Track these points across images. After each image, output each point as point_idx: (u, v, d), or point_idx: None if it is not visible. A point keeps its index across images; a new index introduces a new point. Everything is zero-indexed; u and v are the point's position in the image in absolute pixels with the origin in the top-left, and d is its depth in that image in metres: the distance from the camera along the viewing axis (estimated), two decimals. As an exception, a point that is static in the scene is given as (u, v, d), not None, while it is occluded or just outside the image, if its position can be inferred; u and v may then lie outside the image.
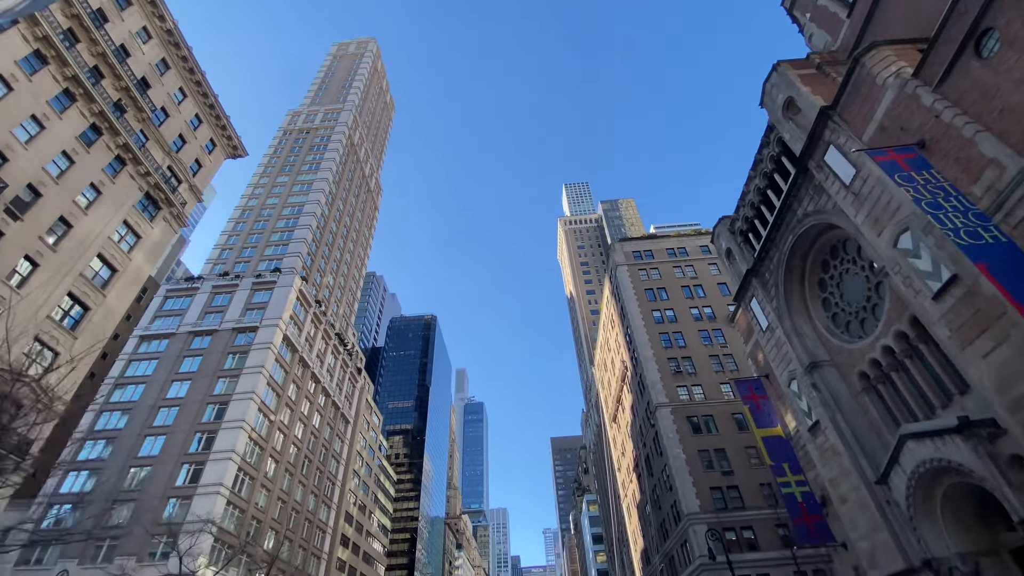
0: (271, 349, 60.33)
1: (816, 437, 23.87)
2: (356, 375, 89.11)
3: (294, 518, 62.82)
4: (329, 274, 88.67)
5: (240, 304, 66.19)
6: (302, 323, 69.67)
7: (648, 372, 54.65)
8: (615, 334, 71.01)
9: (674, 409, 51.35)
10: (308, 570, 64.68)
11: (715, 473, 46.83)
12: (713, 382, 53.37)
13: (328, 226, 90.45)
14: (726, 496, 45.46)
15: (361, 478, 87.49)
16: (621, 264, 65.98)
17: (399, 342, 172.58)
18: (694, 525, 43.65)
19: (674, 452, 48.18)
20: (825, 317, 25.10)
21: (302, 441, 66.40)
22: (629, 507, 72.07)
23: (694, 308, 60.40)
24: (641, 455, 60.78)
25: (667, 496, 50.19)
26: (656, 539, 56.27)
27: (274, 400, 60.80)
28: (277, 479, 59.27)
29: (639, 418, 60.50)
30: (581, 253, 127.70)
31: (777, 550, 42.09)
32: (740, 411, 50.74)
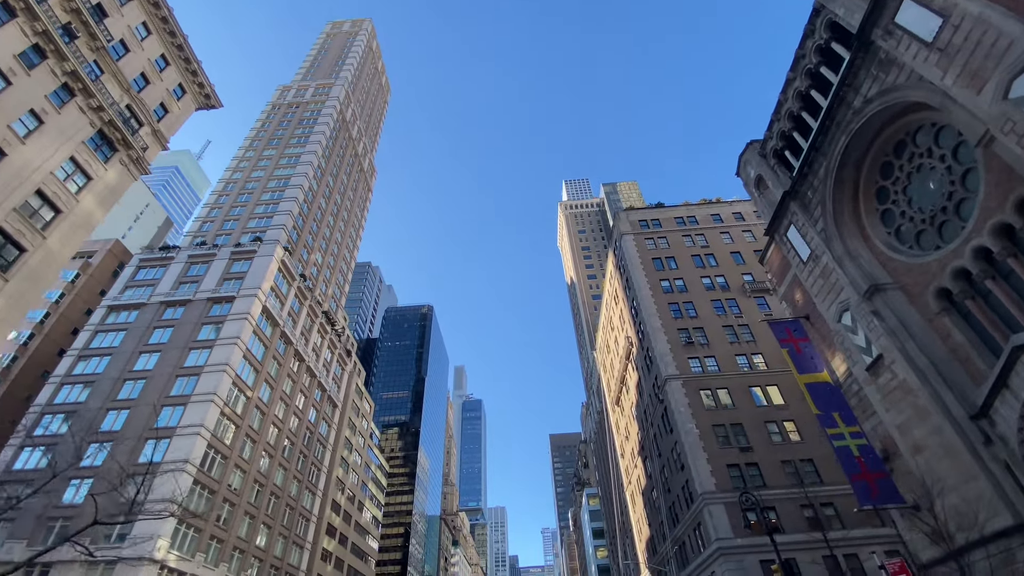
0: (248, 320, 55.83)
1: (878, 376, 19.46)
2: (345, 357, 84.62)
3: (273, 503, 58.28)
4: (317, 251, 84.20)
5: (217, 274, 61.68)
6: (284, 297, 65.17)
7: (657, 343, 50.23)
8: (619, 310, 66.60)
9: (685, 382, 46.92)
10: (289, 559, 60.16)
11: (732, 449, 42.40)
12: (728, 354, 48.97)
13: (316, 201, 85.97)
14: (744, 474, 41.03)
15: (350, 466, 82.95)
16: (627, 233, 61.56)
17: (394, 332, 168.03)
18: (710, 505, 39.22)
19: (686, 427, 43.75)
20: (885, 233, 20.72)
21: (284, 422, 61.89)
22: (633, 495, 67.62)
23: (705, 278, 56.01)
24: (647, 436, 56.34)
25: (677, 477, 45.76)
26: (664, 526, 51.82)
27: (252, 376, 56.29)
28: (254, 460, 54.74)
29: (645, 396, 56.08)
30: (582, 238, 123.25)
31: (803, 532, 37.67)
32: (758, 383, 46.44)
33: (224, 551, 48.47)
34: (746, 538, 37.57)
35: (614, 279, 67.98)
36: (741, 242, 59.41)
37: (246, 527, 52.75)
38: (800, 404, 44.74)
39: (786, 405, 44.79)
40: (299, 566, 62.45)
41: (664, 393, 48.00)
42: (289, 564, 60.11)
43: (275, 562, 57.09)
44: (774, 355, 48.50)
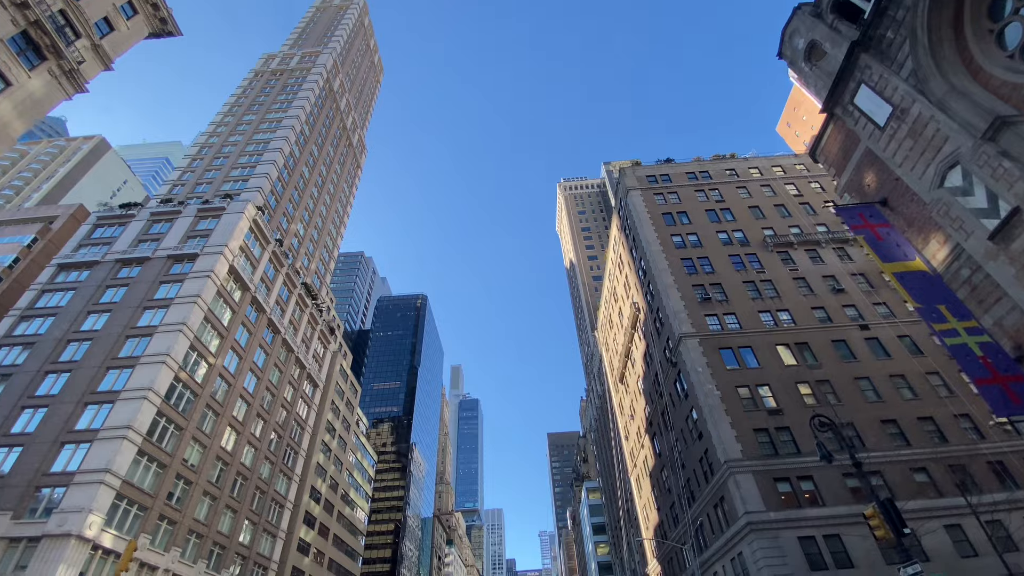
0: (212, 278, 49.96)
1: (1010, 241, 13.81)
2: (328, 335, 78.69)
3: (241, 485, 52.29)
4: (298, 221, 78.42)
5: (181, 232, 55.87)
6: (257, 260, 59.32)
7: (669, 301, 44.54)
8: (623, 278, 60.94)
9: (703, 340, 41.21)
10: (258, 548, 54.10)
11: (759, 413, 36.66)
12: (750, 311, 43.31)
13: (298, 169, 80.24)
14: (775, 439, 35.29)
15: (333, 452, 76.89)
16: (634, 189, 55.97)
17: (387, 322, 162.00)
18: (736, 474, 33.44)
19: (704, 389, 38.01)
20: (1005, 56, 15.13)
21: (254, 396, 55.94)
22: (639, 478, 61.78)
23: (722, 232, 50.42)
24: (656, 410, 50.58)
25: (694, 448, 40.00)
26: (676, 507, 46.02)
27: (215, 341, 50.40)
28: (217, 435, 48.81)
29: (654, 365, 50.36)
30: (582, 218, 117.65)
31: (846, 504, 31.94)
32: (785, 342, 40.77)
33: (177, 534, 42.47)
34: (780, 511, 31.81)
35: (619, 244, 62.33)
36: (760, 196, 53.89)
37: (205, 509, 46.75)
38: (834, 363, 39.15)
39: (819, 364, 39.13)
40: (271, 556, 56.39)
41: (678, 354, 42.28)
42: (258, 554, 54.07)
43: (241, 550, 51.06)
44: (802, 311, 42.94)
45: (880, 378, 38.05)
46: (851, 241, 48.26)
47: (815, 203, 52.78)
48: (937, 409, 36.08)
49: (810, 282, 45.14)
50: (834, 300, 43.57)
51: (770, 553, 30.19)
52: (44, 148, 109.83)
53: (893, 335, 40.53)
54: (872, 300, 43.42)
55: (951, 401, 36.20)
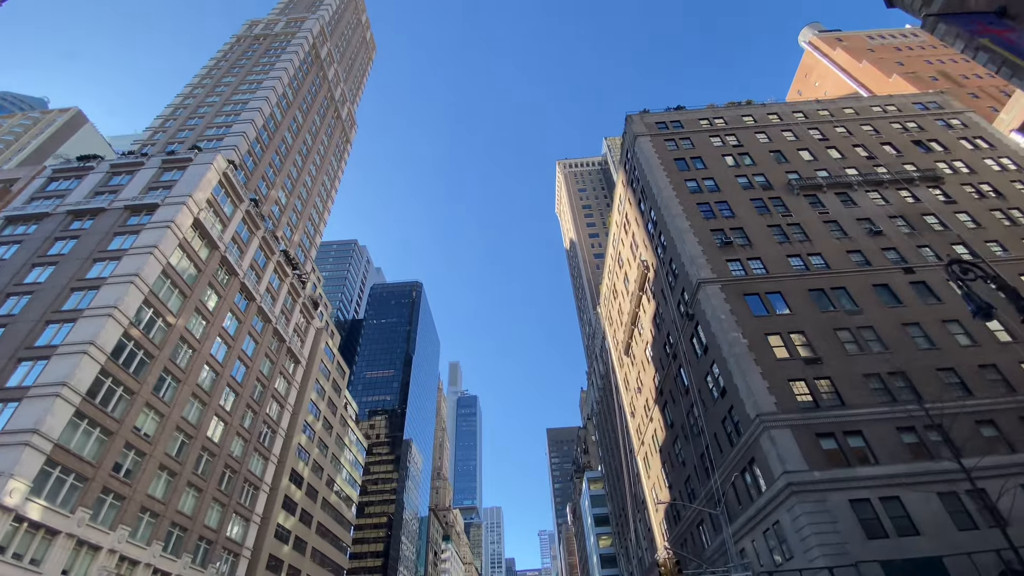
0: (172, 229, 44.74)
1: None
2: (311, 310, 73.45)
3: (207, 462, 47.07)
4: (280, 188, 73.22)
5: (142, 183, 50.67)
6: (228, 218, 54.06)
7: (685, 247, 39.44)
8: (630, 238, 55.86)
9: (725, 286, 36.12)
10: (228, 532, 48.88)
11: (794, 362, 31.57)
12: (777, 255, 38.23)
13: (280, 133, 75.06)
14: (814, 391, 30.19)
15: (317, 434, 71.65)
16: (642, 135, 50.89)
17: (381, 310, 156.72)
18: (771, 430, 28.32)
19: (729, 337, 32.90)
20: None
21: (224, 366, 50.71)
22: (647, 457, 56.66)
23: (741, 177, 45.38)
24: (668, 375, 45.48)
25: (714, 409, 34.87)
26: (693, 481, 40.90)
27: (177, 300, 45.17)
28: (178, 404, 43.58)
29: (665, 326, 45.26)
30: (583, 196, 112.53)
31: (905, 463, 26.84)
32: (820, 286, 35.68)
33: (126, 511, 37.23)
34: (826, 470, 26.68)
35: (625, 201, 57.23)
36: (781, 141, 48.86)
37: (163, 485, 41.53)
38: (877, 308, 34.10)
39: (859, 309, 34.06)
40: (243, 542, 51.14)
41: (695, 305, 37.18)
42: (228, 538, 48.83)
43: (207, 533, 45.84)
44: (837, 255, 37.90)
45: (931, 324, 33.01)
46: (887, 183, 43.28)
47: (843, 147, 47.78)
48: (999, 356, 31.05)
49: (843, 225, 40.11)
50: (872, 243, 38.54)
51: (817, 519, 25.07)
52: (17, 121, 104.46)
53: (942, 278, 35.49)
54: (916, 243, 38.39)
55: (1018, 348, 31.14)
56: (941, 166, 45.45)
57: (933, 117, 51.50)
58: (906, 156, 46.72)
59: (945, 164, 45.84)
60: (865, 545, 24.24)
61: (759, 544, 29.76)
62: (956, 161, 46.08)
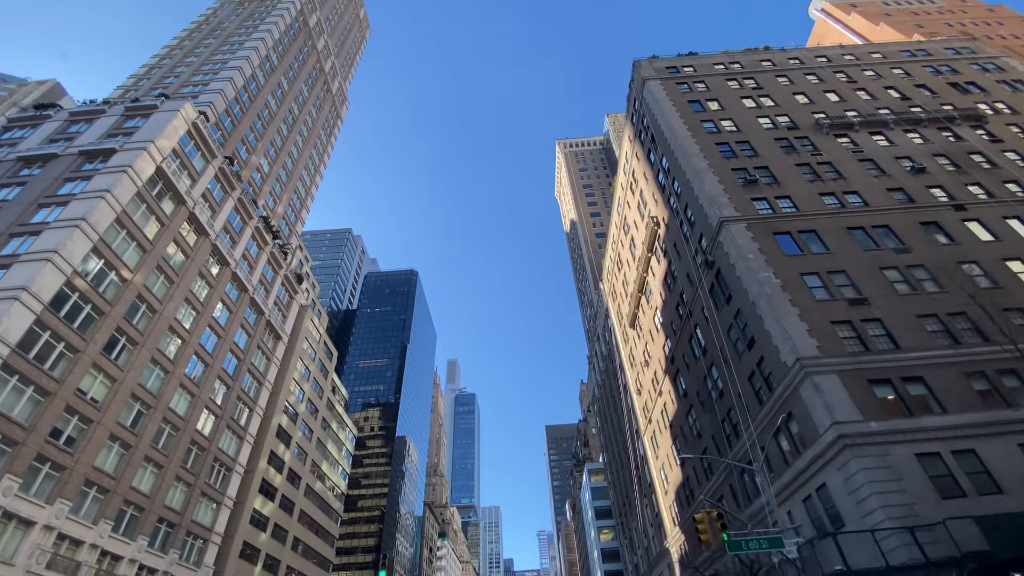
0: (128, 174, 40.09)
1: None
2: (293, 284, 68.77)
3: (168, 436, 42.39)
4: (261, 155, 68.63)
5: (101, 131, 46.07)
6: (197, 173, 49.39)
7: (704, 187, 34.92)
8: (637, 197, 51.36)
9: (751, 224, 31.62)
10: (194, 515, 44.19)
11: (836, 303, 27.06)
12: (807, 192, 33.76)
13: (262, 96, 70.45)
14: (862, 333, 25.66)
15: (300, 416, 66.95)
16: (652, 79, 46.41)
17: (375, 299, 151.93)
18: (814, 376, 23.77)
19: (759, 278, 28.36)
20: None
21: (191, 332, 46.05)
22: (654, 435, 52.09)
23: (763, 118, 40.92)
24: (682, 339, 40.95)
25: (740, 364, 30.32)
26: (712, 451, 36.30)
27: (133, 254, 40.49)
28: (133, 368, 38.90)
29: (679, 284, 40.74)
30: (583, 175, 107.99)
31: (978, 411, 22.32)
32: (860, 224, 31.24)
33: (66, 483, 32.55)
34: (884, 421, 22.14)
35: (631, 157, 52.71)
36: (805, 84, 44.44)
37: (114, 458, 36.84)
38: (926, 246, 29.68)
39: (907, 248, 29.58)
40: (212, 527, 46.44)
41: (717, 249, 32.66)
42: (194, 522, 44.13)
43: (169, 515, 41.14)
44: (876, 192, 33.44)
45: (991, 262, 28.55)
46: (926, 121, 38.84)
47: (873, 89, 43.35)
48: (1076, 297, 26.58)
49: (880, 163, 35.66)
50: (914, 181, 34.09)
51: (878, 477, 20.52)
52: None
53: (998, 215, 31.08)
54: (964, 180, 33.93)
55: (1097, 285, 26.70)
56: (982, 107, 41.07)
57: (967, 61, 47.15)
58: (943, 97, 42.34)
59: (986, 105, 41.47)
60: (939, 506, 19.70)
61: (798, 514, 25.20)
62: (997, 103, 41.74)
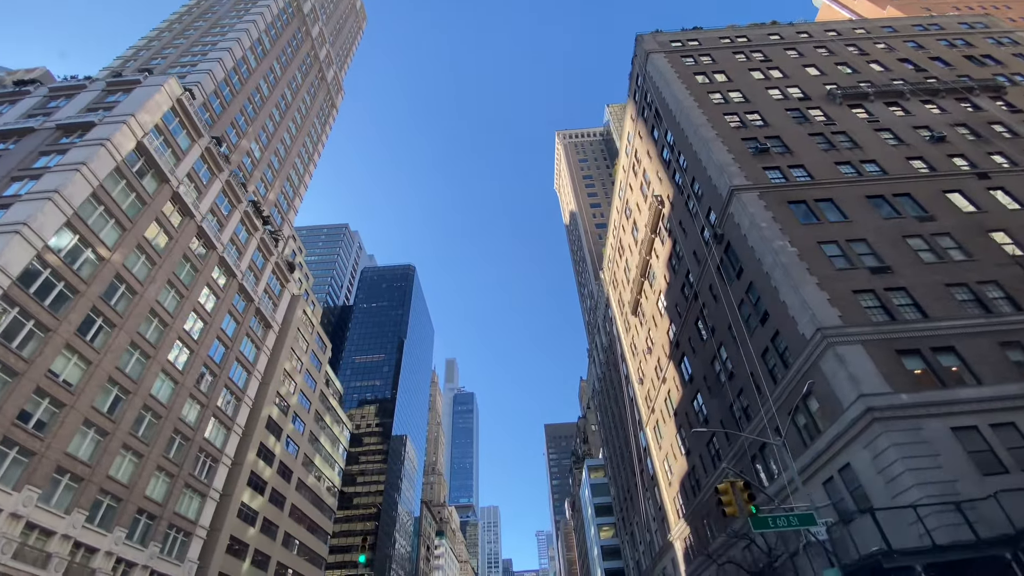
0: (107, 148, 38.12)
1: None
2: (285, 272, 66.75)
3: (149, 423, 40.42)
4: (252, 139, 66.69)
5: (81, 105, 44.13)
6: (182, 152, 47.42)
7: (712, 157, 33.08)
8: (640, 177, 49.53)
9: (764, 193, 29.78)
10: (177, 507, 42.20)
11: (857, 271, 25.23)
12: (822, 161, 31.94)
13: (253, 80, 68.52)
14: (887, 303, 23.83)
15: (292, 408, 64.96)
16: (655, 52, 44.58)
17: (371, 294, 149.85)
18: (837, 346, 21.92)
19: (774, 246, 26.51)
20: None
21: (174, 316, 44.07)
22: (657, 425, 50.23)
23: (772, 89, 39.12)
24: (687, 322, 39.10)
25: (753, 341, 28.46)
26: (719, 440, 34.44)
27: (112, 232, 38.53)
28: (111, 351, 36.91)
29: (684, 264, 38.91)
30: (583, 166, 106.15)
31: (1016, 382, 20.48)
32: (880, 193, 29.41)
33: (36, 470, 30.58)
34: (916, 393, 20.30)
35: (634, 137, 50.89)
36: (815, 56, 42.66)
37: (88, 444, 34.85)
38: (951, 215, 27.88)
39: (930, 216, 27.77)
40: (197, 520, 44.46)
41: (727, 221, 30.83)
42: (177, 514, 42.13)
43: (149, 507, 39.16)
44: (894, 161, 31.62)
45: (1021, 229, 26.74)
46: (943, 92, 37.06)
47: (886, 61, 41.58)
48: (1115, 265, 24.76)
49: (897, 133, 33.87)
50: (934, 150, 32.30)
51: (912, 452, 18.67)
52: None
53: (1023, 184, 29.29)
54: (986, 150, 32.16)
55: None
56: (999, 79, 39.32)
57: (982, 35, 45.44)
58: (959, 69, 40.59)
59: (1003, 77, 39.74)
60: (981, 483, 17.86)
61: (819, 498, 23.30)
62: (1015, 75, 40.02)
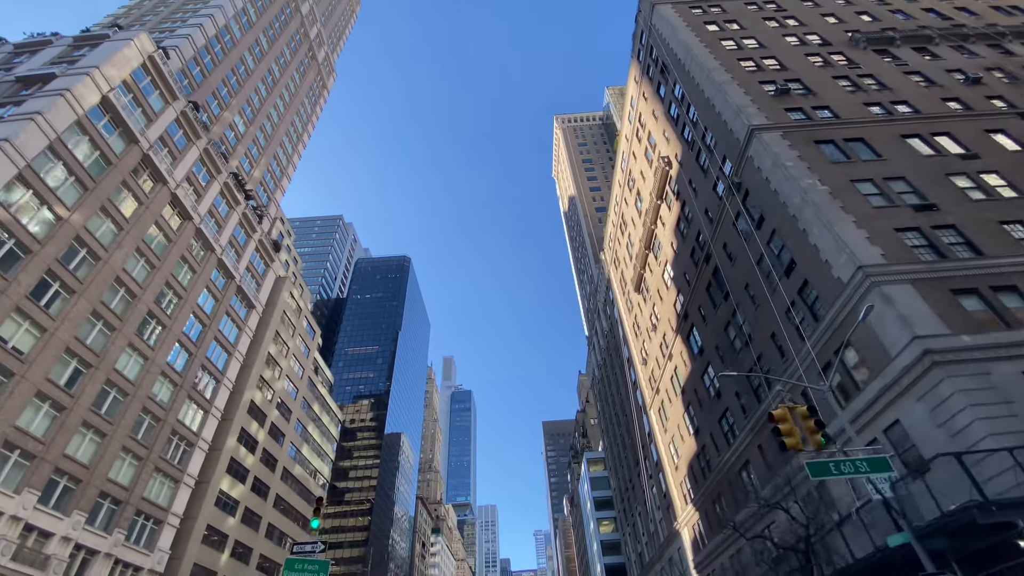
0: (66, 98, 34.93)
1: None
2: (270, 251, 63.52)
3: (113, 400, 37.21)
4: (236, 113, 63.50)
5: (44, 60, 40.94)
6: (153, 112, 44.17)
7: (728, 99, 30.12)
8: (645, 142, 46.56)
9: (787, 132, 26.80)
10: (145, 492, 39.01)
11: (898, 209, 22.28)
12: (848, 102, 29.01)
13: (238, 51, 65.31)
14: (934, 240, 20.89)
15: (277, 394, 61.74)
16: (661, 3, 41.61)
17: (365, 285, 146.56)
18: (884, 286, 18.95)
19: (803, 184, 23.53)
20: None
21: (143, 288, 40.85)
22: (663, 408, 47.24)
23: (789, 36, 36.18)
24: (698, 288, 36.13)
25: (777, 297, 25.46)
26: (734, 413, 31.43)
27: (72, 190, 35.32)
28: (69, 319, 33.73)
29: (694, 226, 35.95)
30: (583, 150, 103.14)
31: (1097, 324, 17.50)
32: (916, 132, 26.47)
33: (-25, 446, 27.36)
34: (978, 335, 17.32)
35: (639, 99, 47.92)
36: (832, 5, 39.75)
37: (42, 420, 31.66)
38: (997, 153, 24.99)
39: (974, 154, 24.84)
40: (169, 507, 41.25)
41: (746, 166, 27.85)
42: (147, 500, 38.94)
43: (113, 490, 35.97)
44: (928, 101, 28.75)
45: (1077, 168, 23.87)
46: (973, 38, 34.19)
47: (909, 10, 38.73)
48: None
49: (929, 76, 30.99)
50: (970, 92, 29.42)
51: (982, 398, 15.71)
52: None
53: (1077, 122, 26.39)
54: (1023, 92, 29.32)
55: None
56: (1033, 28, 36.48)
57: (1009, -11, 42.58)
58: (986, 18, 37.75)
59: (1037, 26, 36.89)
60: (1067, 432, 14.89)
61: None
62: (1049, 25, 37.18)
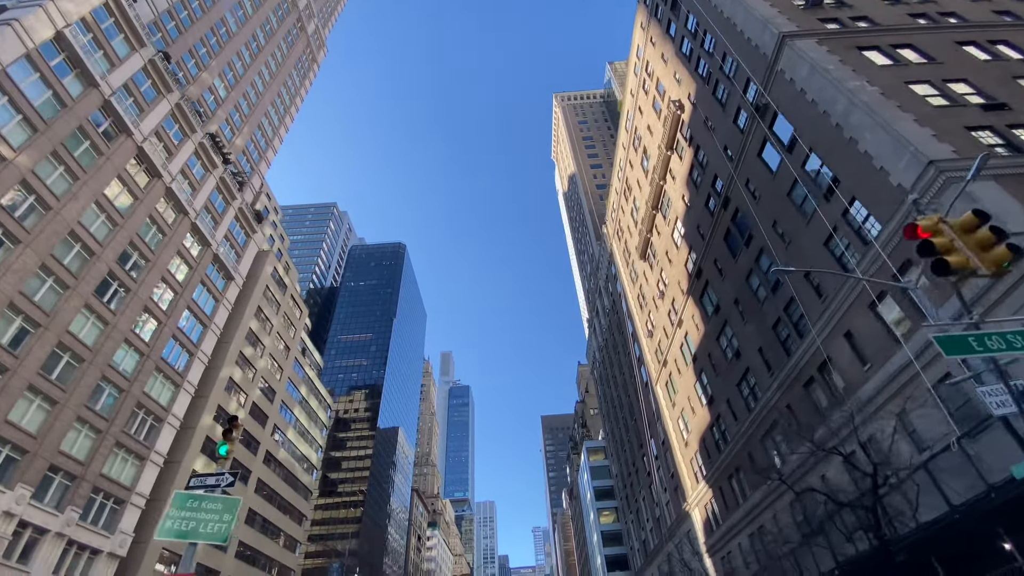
0: (13, 28, 31.23)
1: None
2: (251, 221, 59.77)
3: (68, 366, 33.61)
4: (216, 75, 59.77)
5: (-10, -7, 37.08)
6: (117, 57, 40.38)
7: (752, 11, 26.58)
8: (651, 95, 43.01)
9: (823, 39, 23.27)
10: (105, 470, 35.47)
11: (964, 109, 18.85)
12: (891, 13, 25.53)
13: (217, 11, 61.47)
14: (1011, 139, 17.45)
15: (259, 373, 58.15)
16: (668, -67, 38.00)
17: (359, 272, 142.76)
18: (959, 184, 15.46)
19: (849, 86, 20.02)
20: None
21: (103, 245, 37.20)
22: (670, 381, 43.80)
23: (814, -42, 32.54)
24: (714, 240, 32.64)
25: (813, 224, 21.97)
26: (756, 373, 27.96)
27: (18, 130, 31.61)
28: (12, 271, 30.10)
29: (712, 167, 32.44)
30: (583, 128, 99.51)
31: None
32: (974, 40, 22.96)
33: None
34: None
35: (645, 48, 44.34)
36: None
37: None
38: (1073, 58, 21.26)
39: (1046, 57, 21.35)
40: (132, 487, 37.71)
41: (775, 81, 24.34)
42: (105, 477, 35.39)
43: (65, 464, 32.40)
44: (980, 12, 25.29)
45: None
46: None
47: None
48: None
49: (978, -11, 27.48)
50: (1020, 4, 25.95)
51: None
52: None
53: None
54: (1092, 1, 25.84)
55: None
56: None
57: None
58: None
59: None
60: None
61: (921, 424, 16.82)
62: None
